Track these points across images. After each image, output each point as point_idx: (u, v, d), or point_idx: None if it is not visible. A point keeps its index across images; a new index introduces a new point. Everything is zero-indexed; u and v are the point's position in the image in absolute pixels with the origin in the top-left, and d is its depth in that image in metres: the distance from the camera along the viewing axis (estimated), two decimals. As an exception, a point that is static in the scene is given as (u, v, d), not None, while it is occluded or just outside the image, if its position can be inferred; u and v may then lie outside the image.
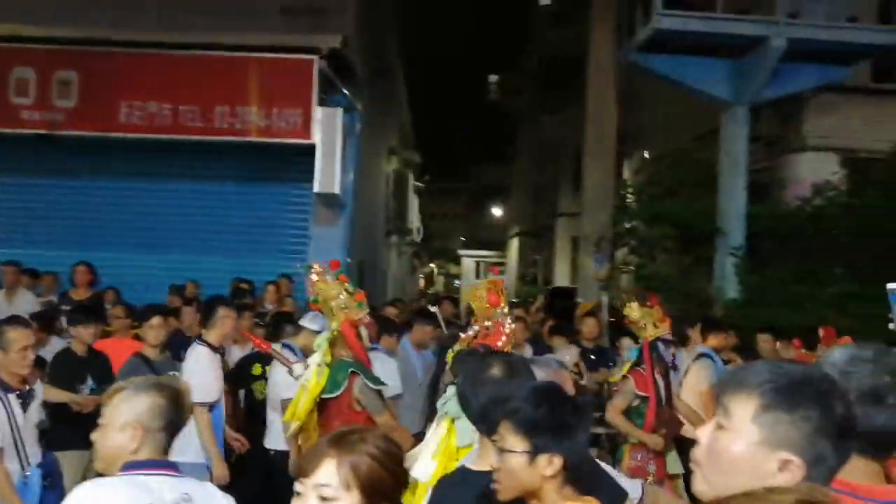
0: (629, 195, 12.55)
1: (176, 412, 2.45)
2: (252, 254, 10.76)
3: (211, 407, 5.25)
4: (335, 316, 4.40)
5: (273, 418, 5.59)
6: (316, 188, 10.21)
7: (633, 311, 5.43)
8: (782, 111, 11.19)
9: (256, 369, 6.23)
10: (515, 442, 2.05)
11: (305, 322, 5.67)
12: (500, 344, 3.54)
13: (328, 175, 10.10)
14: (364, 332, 4.73)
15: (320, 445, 1.81)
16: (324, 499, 1.73)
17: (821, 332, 6.17)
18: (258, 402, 6.11)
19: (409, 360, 6.78)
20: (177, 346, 5.94)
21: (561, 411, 2.07)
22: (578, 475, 2.09)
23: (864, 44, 10.03)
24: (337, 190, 10.25)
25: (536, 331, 8.70)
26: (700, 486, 1.55)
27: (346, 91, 10.87)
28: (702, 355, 6.26)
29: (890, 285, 2.34)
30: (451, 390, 3.44)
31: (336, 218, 11.07)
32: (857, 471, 1.74)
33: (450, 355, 3.78)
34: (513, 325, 3.76)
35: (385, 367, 5.45)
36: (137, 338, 5.99)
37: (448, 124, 40.75)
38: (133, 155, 10.66)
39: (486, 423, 2.29)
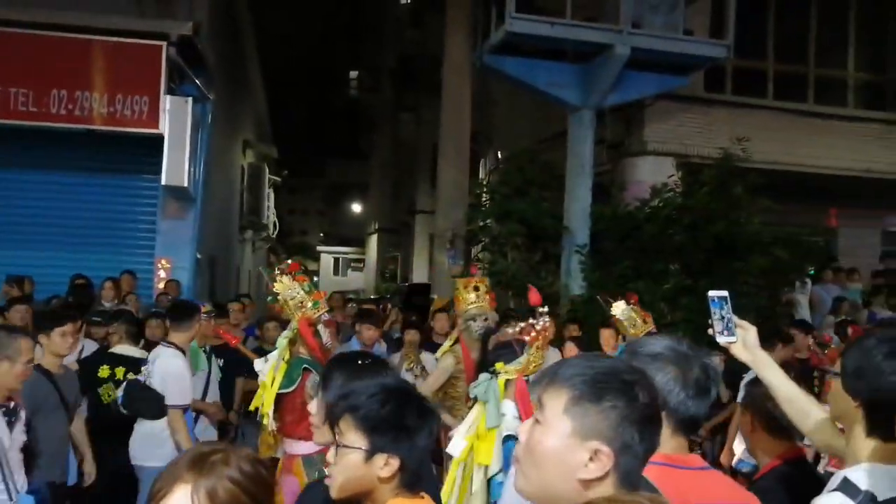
0: (483, 194, 12.78)
1: None
2: (95, 249, 10.27)
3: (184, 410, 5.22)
4: (293, 314, 4.53)
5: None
6: (164, 180, 9.82)
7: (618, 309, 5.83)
8: (624, 116, 11.71)
9: (103, 371, 5.87)
10: (355, 438, 1.99)
11: None
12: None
13: (177, 167, 9.73)
14: (323, 330, 4.71)
15: (177, 467, 1.57)
16: None
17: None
18: (103, 406, 5.74)
19: None
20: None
21: (406, 412, 2.01)
22: (414, 479, 2.04)
23: (699, 55, 10.64)
24: (186, 183, 9.90)
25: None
26: (519, 483, 1.58)
27: (197, 80, 10.53)
28: None
29: (711, 293, 2.49)
30: (483, 376, 3.97)
31: (185, 211, 10.74)
32: (678, 447, 1.95)
33: None
34: (547, 323, 4.05)
35: None
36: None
37: (307, 119, 40.20)
38: None
39: (330, 418, 2.19)
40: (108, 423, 5.53)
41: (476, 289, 5.74)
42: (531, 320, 4.05)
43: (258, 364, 4.65)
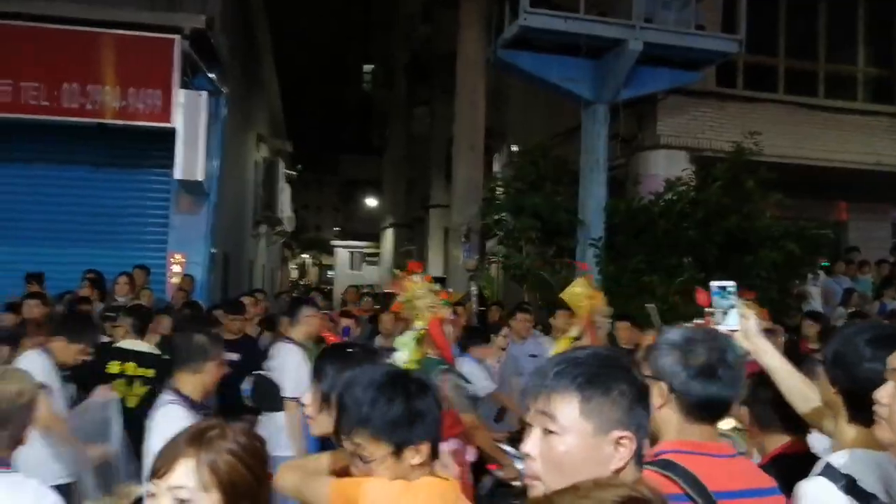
0: (498, 188, 12.81)
1: None
2: (107, 244, 10.28)
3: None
4: (423, 315, 4.54)
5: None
6: (177, 174, 9.84)
7: None
8: (637, 111, 11.69)
9: (112, 367, 5.57)
10: (376, 448, 1.99)
11: None
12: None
13: (190, 161, 9.74)
14: (449, 329, 4.77)
15: (176, 443, 1.65)
16: (180, 501, 1.59)
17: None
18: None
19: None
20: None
21: (411, 400, 2.02)
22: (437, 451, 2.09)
23: (711, 50, 10.63)
24: (200, 177, 9.92)
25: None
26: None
27: (210, 74, 10.56)
28: None
29: (713, 283, 2.52)
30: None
31: (199, 206, 10.75)
32: (705, 434, 1.95)
33: None
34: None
35: (473, 368, 5.68)
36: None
37: (320, 114, 40.31)
38: None
39: (340, 434, 2.12)
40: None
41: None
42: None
43: None
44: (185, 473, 1.59)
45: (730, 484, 1.86)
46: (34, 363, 4.33)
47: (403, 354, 4.51)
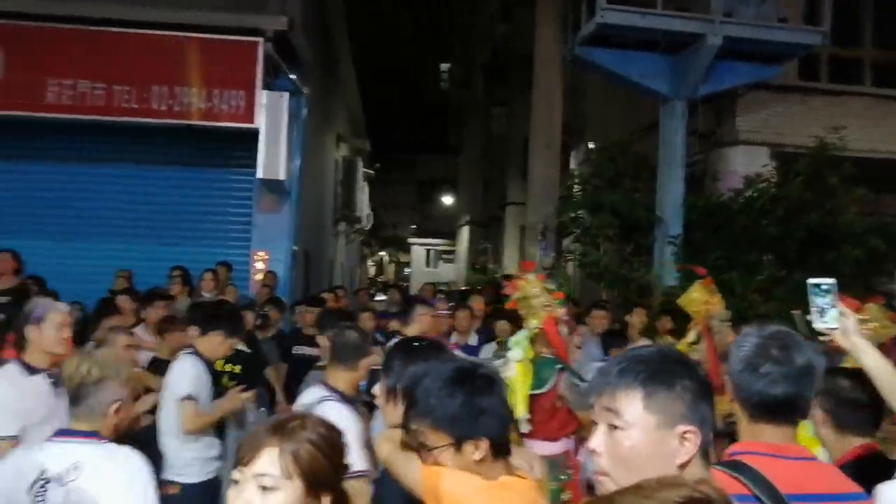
0: (575, 185, 12.77)
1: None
2: (192, 241, 10.56)
3: None
4: (537, 314, 4.52)
5: None
6: (260, 174, 10.02)
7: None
8: (716, 106, 11.51)
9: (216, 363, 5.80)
10: (438, 438, 2.04)
11: None
12: None
13: (272, 160, 9.95)
14: (564, 329, 4.78)
15: (259, 434, 1.76)
16: (264, 488, 1.69)
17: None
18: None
19: None
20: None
21: (474, 395, 2.05)
22: (505, 451, 2.10)
23: (792, 43, 10.38)
24: (282, 176, 10.11)
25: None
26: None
27: (292, 75, 10.75)
28: None
29: (810, 280, 2.49)
30: None
31: (280, 205, 10.94)
32: (778, 435, 1.93)
33: None
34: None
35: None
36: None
37: (398, 113, 40.64)
38: (63, 136, 10.29)
39: (408, 424, 2.20)
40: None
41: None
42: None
43: (497, 365, 4.50)
44: (269, 462, 1.70)
45: (808, 486, 1.83)
46: (189, 367, 4.47)
47: (517, 353, 4.49)
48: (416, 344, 2.79)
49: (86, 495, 2.53)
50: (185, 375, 4.40)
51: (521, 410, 4.31)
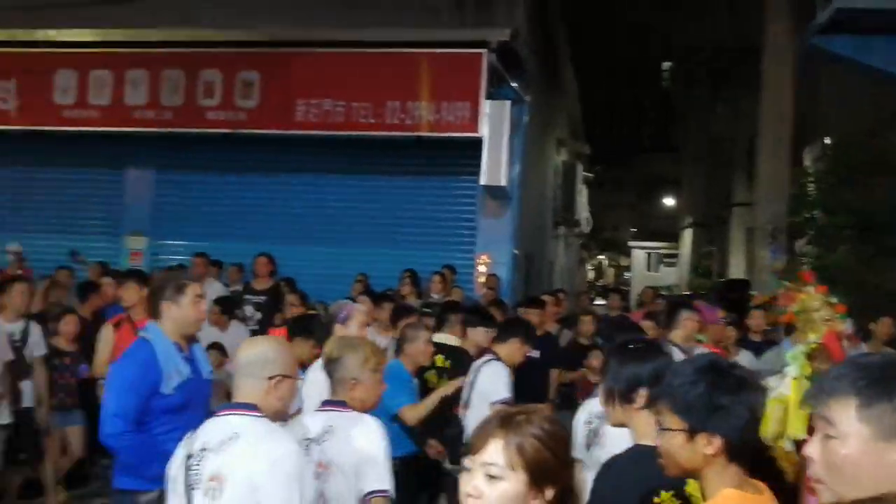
0: (808, 184, 12.05)
1: None
2: (420, 245, 11.02)
3: None
4: (817, 328, 4.34)
5: None
6: (483, 180, 10.35)
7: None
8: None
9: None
10: (673, 421, 2.04)
11: None
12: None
13: (495, 167, 10.23)
14: (846, 344, 4.62)
15: (488, 425, 1.86)
16: (490, 477, 1.78)
17: None
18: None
19: None
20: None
21: (717, 391, 2.01)
22: (743, 458, 2.04)
23: None
24: (504, 182, 10.37)
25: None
26: (829, 500, 1.53)
27: (514, 83, 10.96)
28: None
29: None
30: None
31: (503, 210, 11.20)
32: None
33: None
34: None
35: None
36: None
37: (618, 114, 40.07)
38: (308, 151, 11.19)
39: (650, 404, 2.31)
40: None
41: None
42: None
43: (772, 381, 4.26)
44: (495, 452, 1.80)
45: None
46: (502, 371, 4.95)
47: (793, 369, 4.21)
48: (632, 346, 2.82)
49: (333, 452, 3.09)
50: (501, 379, 4.85)
51: (793, 429, 4.01)
